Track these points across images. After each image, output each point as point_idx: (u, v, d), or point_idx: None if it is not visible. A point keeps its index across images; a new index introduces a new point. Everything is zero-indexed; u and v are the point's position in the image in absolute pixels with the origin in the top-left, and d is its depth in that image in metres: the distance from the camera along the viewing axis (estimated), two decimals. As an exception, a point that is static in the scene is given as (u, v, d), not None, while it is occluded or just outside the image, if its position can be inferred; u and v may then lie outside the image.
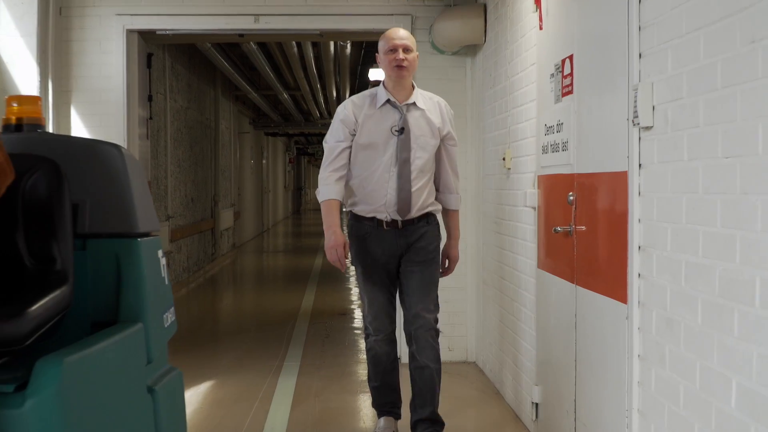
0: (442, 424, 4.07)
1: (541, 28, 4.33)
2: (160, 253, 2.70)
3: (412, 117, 3.80)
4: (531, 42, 4.62)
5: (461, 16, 5.92)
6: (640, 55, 3.01)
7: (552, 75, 4.07)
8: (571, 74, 3.77)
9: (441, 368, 4.02)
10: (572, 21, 3.80)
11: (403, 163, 3.72)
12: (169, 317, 2.72)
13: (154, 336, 2.54)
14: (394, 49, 3.74)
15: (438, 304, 4.02)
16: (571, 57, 3.77)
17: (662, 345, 2.88)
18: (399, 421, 4.22)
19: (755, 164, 2.24)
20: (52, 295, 2.15)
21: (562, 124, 3.90)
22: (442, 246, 4.15)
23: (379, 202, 3.75)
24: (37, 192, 2.30)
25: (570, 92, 3.77)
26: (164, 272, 2.71)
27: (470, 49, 6.27)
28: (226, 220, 14.75)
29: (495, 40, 5.65)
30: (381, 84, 3.93)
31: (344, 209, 4.17)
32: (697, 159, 2.60)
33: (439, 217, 4.05)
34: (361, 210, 3.82)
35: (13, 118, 2.55)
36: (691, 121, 2.64)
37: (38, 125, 2.61)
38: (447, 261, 4.16)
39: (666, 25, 2.81)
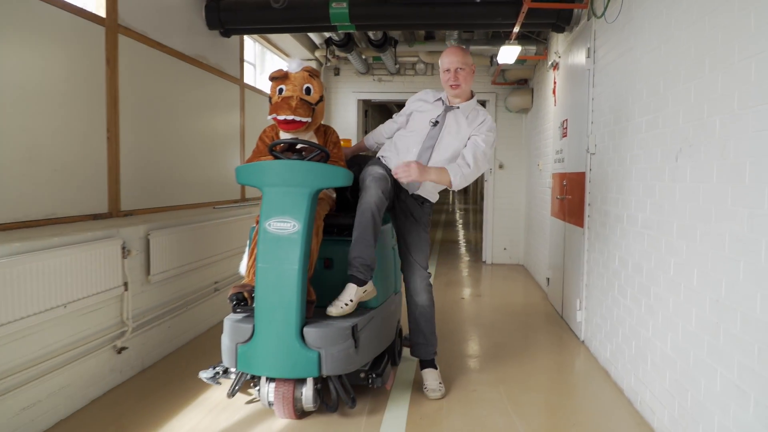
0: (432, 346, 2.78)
1: (555, 104, 4.53)
2: None
3: (451, 116, 2.60)
4: (551, 110, 4.77)
5: (521, 94, 6.08)
6: (591, 122, 3.30)
7: (559, 127, 4.25)
8: (566, 127, 3.95)
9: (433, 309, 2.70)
10: (567, 101, 3.99)
11: (425, 149, 2.55)
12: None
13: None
14: (448, 70, 2.59)
15: (427, 263, 2.67)
16: (566, 120, 3.97)
17: (593, 243, 3.23)
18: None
19: (628, 170, 2.66)
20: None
21: (562, 150, 4.10)
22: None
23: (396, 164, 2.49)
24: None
25: (566, 135, 3.97)
26: None
27: (525, 111, 6.32)
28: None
29: (536, 107, 5.76)
30: None
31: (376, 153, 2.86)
32: (609, 167, 2.96)
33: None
34: (385, 160, 2.65)
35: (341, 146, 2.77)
36: (608, 151, 2.97)
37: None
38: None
39: (600, 109, 3.14)
